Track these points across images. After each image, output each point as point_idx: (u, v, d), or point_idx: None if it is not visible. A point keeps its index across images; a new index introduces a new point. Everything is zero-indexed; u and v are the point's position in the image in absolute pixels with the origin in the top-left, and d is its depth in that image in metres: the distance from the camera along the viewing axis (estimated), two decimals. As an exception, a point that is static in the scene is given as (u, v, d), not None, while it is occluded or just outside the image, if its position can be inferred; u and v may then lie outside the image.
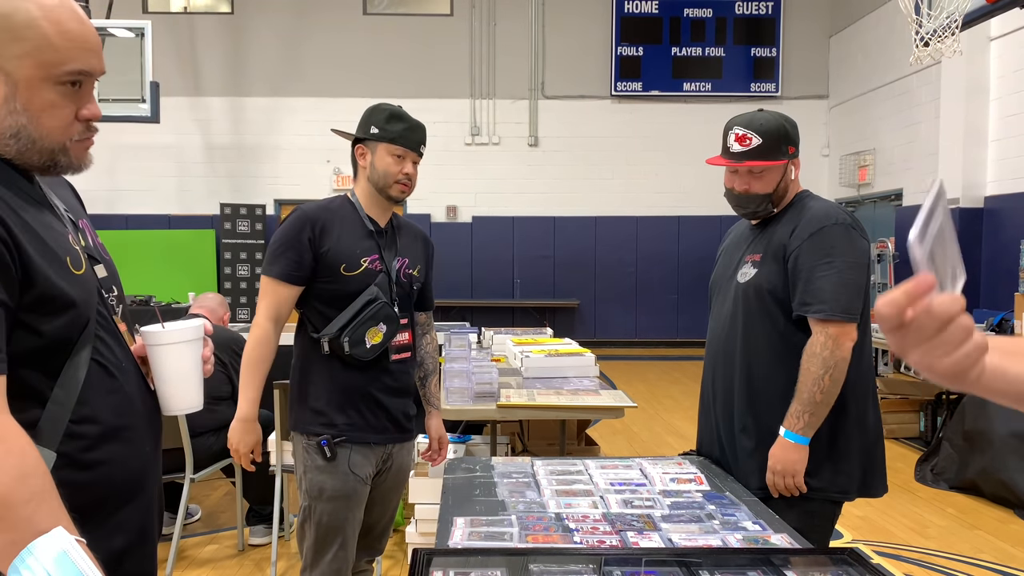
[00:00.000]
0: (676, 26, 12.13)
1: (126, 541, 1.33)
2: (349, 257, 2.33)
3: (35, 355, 1.20)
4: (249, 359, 2.33)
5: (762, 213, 2.26)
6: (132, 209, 11.79)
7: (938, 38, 4.73)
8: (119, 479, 1.31)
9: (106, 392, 1.29)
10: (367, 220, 2.40)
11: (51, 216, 1.29)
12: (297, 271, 2.31)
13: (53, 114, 1.24)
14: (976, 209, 8.46)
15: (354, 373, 2.33)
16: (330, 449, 2.31)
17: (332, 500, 2.32)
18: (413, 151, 2.37)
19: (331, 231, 2.33)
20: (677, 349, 11.75)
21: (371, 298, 2.31)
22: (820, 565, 1.48)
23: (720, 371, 2.31)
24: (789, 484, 2.11)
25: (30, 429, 1.16)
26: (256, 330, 2.32)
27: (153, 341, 1.39)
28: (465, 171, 12.08)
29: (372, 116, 2.39)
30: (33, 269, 1.18)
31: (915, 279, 0.73)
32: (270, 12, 11.87)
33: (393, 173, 2.36)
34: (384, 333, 2.33)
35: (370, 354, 2.31)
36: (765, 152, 2.18)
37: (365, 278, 2.34)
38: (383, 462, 2.43)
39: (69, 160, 1.29)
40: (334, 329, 2.30)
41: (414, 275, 2.48)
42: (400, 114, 2.40)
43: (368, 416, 2.36)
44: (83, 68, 1.25)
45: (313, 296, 2.35)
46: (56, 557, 0.94)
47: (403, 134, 2.35)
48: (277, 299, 2.33)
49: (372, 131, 2.37)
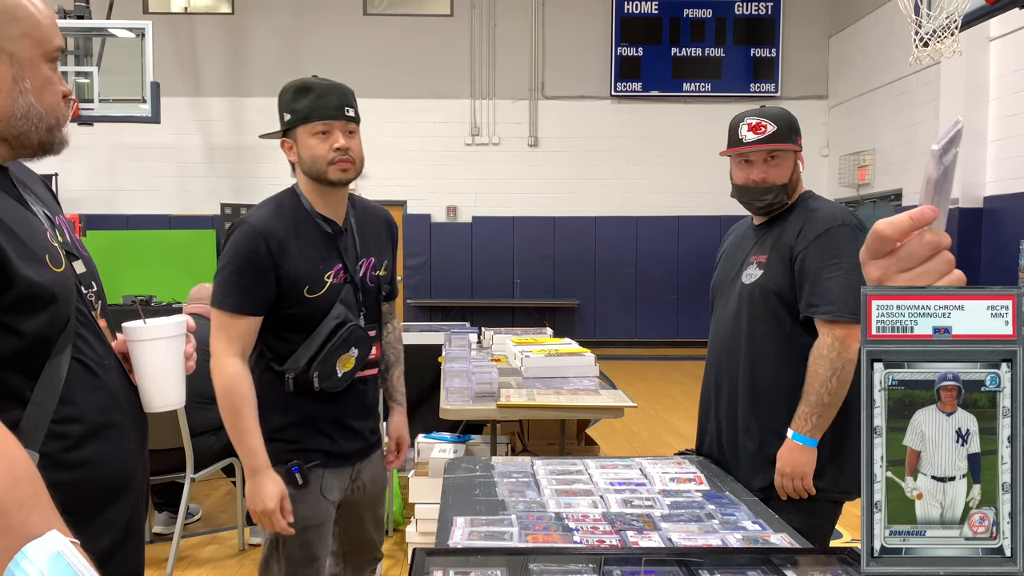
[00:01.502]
0: (676, 26, 12.13)
1: (113, 539, 1.32)
2: (311, 276, 2.02)
3: (15, 355, 1.20)
4: (231, 402, 1.96)
5: (777, 206, 2.24)
6: (132, 209, 11.79)
7: (937, 38, 4.73)
8: (104, 477, 1.31)
9: (89, 390, 1.29)
10: (322, 222, 2.08)
11: (28, 213, 1.29)
12: (256, 300, 1.98)
13: (51, 90, 1.29)
14: (976, 209, 8.46)
15: (325, 404, 2.07)
16: (302, 476, 2.04)
17: (305, 530, 2.05)
18: (337, 119, 2.01)
19: (288, 247, 2.00)
20: (677, 349, 11.75)
21: (339, 322, 2.02)
22: (820, 565, 1.48)
23: (724, 372, 2.30)
24: (798, 486, 2.11)
25: (11, 430, 1.16)
26: (224, 369, 1.95)
27: (134, 337, 1.38)
28: (465, 171, 12.08)
29: (280, 102, 2.07)
30: (11, 268, 1.17)
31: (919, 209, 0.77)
32: (270, 12, 11.87)
33: (321, 155, 2.00)
34: (356, 358, 2.06)
35: (342, 383, 2.05)
36: (782, 136, 2.19)
37: (331, 296, 2.04)
38: (351, 480, 2.19)
39: (62, 137, 1.33)
40: (300, 364, 1.99)
41: (382, 275, 2.20)
42: (307, 84, 2.04)
43: (340, 440, 2.12)
44: (61, 44, 1.31)
45: (271, 322, 2.02)
46: (50, 559, 0.94)
47: (314, 105, 2.00)
48: (238, 333, 1.97)
49: (285, 118, 2.05)
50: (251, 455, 1.97)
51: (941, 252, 0.78)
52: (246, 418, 1.95)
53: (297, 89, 2.04)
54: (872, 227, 0.79)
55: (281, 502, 1.97)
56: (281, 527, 1.98)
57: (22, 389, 1.21)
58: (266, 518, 1.97)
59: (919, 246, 0.77)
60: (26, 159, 1.33)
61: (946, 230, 0.81)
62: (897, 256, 0.78)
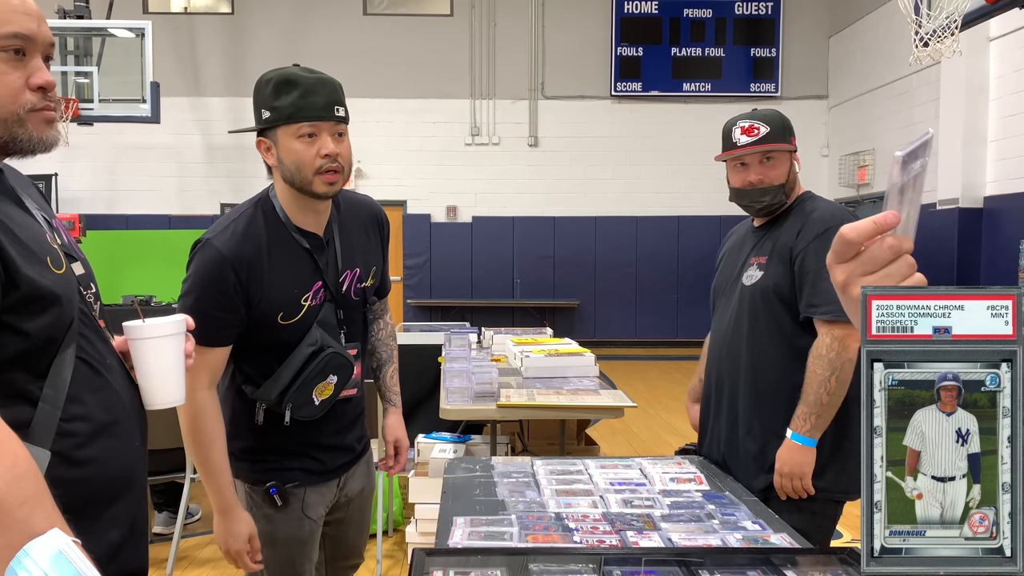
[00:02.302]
0: (676, 26, 12.13)
1: (121, 535, 1.34)
2: (286, 302, 1.84)
3: (22, 356, 1.21)
4: (196, 442, 1.82)
5: (776, 207, 2.24)
6: (132, 209, 11.79)
7: (938, 38, 4.73)
8: (112, 474, 1.32)
9: (94, 389, 1.30)
10: (301, 236, 1.88)
11: (26, 215, 1.29)
12: (225, 331, 1.82)
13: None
14: (975, 209, 8.46)
15: (302, 429, 1.92)
16: (281, 497, 1.92)
17: (287, 548, 1.96)
18: (326, 120, 1.78)
19: (259, 273, 1.81)
20: (677, 349, 11.75)
21: (315, 349, 1.85)
22: (820, 565, 1.48)
23: (725, 374, 2.30)
24: (797, 487, 2.11)
25: (23, 429, 1.17)
26: (188, 407, 1.72)
27: (135, 335, 1.39)
28: (465, 171, 12.08)
29: (258, 96, 1.82)
30: (15, 270, 1.18)
31: (883, 214, 0.80)
32: (270, 12, 11.87)
33: (307, 161, 1.77)
34: (335, 384, 1.89)
35: (319, 411, 1.90)
36: (776, 137, 2.19)
37: (307, 320, 1.87)
38: (339, 490, 2.08)
39: (29, 134, 1.24)
40: (272, 395, 1.84)
41: (368, 285, 2.02)
42: (291, 77, 1.78)
43: (322, 459, 1.99)
44: (19, 31, 1.22)
45: (243, 346, 1.87)
46: (53, 557, 0.94)
47: (300, 104, 1.76)
48: (205, 364, 1.77)
49: (264, 115, 1.81)
50: (217, 494, 1.85)
51: (903, 256, 0.81)
52: (212, 457, 1.83)
53: (279, 82, 1.78)
54: (837, 232, 0.81)
55: (250, 542, 1.88)
56: (249, 568, 1.90)
57: (31, 389, 1.22)
58: (233, 557, 1.90)
59: (881, 250, 0.81)
60: (8, 158, 1.31)
61: (946, 230, 0.82)
62: (860, 260, 0.81)
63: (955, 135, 8.61)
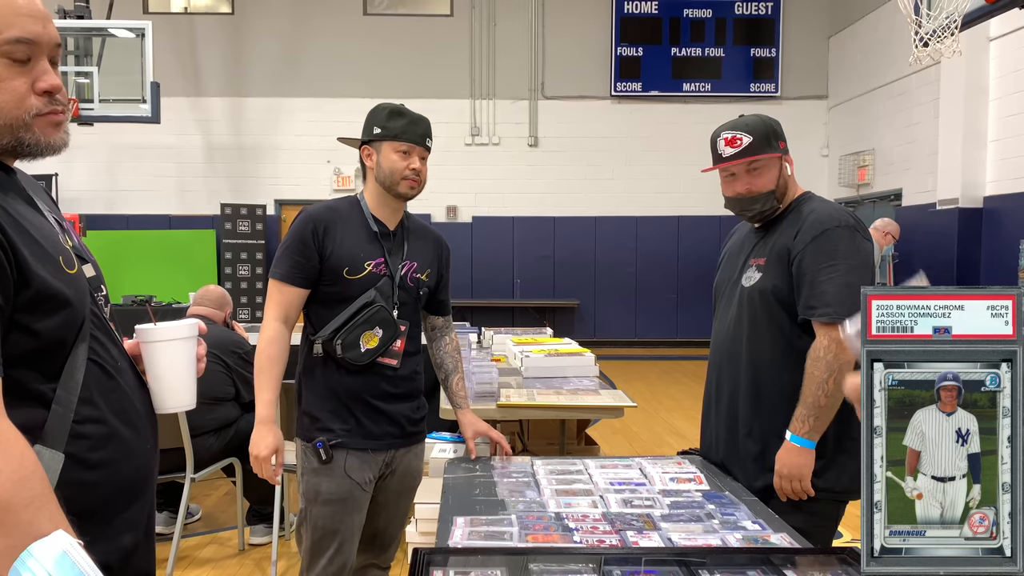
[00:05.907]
0: (676, 26, 12.14)
1: (135, 538, 1.33)
2: (352, 260, 2.30)
3: (33, 356, 1.20)
4: (260, 360, 2.28)
5: (768, 212, 2.24)
6: (132, 209, 11.79)
7: (937, 38, 4.73)
8: (125, 477, 1.31)
9: (106, 391, 1.29)
10: (373, 222, 2.37)
11: (39, 216, 1.28)
12: (301, 273, 2.29)
13: (1, 88, 1.19)
14: (975, 209, 8.47)
15: (350, 378, 2.30)
16: (325, 452, 2.28)
17: (328, 503, 2.30)
18: (419, 145, 2.35)
19: (334, 233, 2.31)
20: (677, 349, 11.75)
21: (367, 301, 2.28)
22: (820, 565, 1.48)
23: (725, 375, 2.30)
24: (796, 488, 2.11)
25: (36, 431, 1.16)
26: (265, 331, 2.28)
27: (147, 338, 1.39)
28: (465, 171, 12.08)
29: (374, 116, 2.39)
30: (28, 269, 1.17)
31: None
32: (270, 12, 11.87)
33: (399, 169, 2.33)
34: (380, 338, 2.29)
35: (364, 358, 2.28)
36: (758, 147, 2.19)
37: (369, 282, 2.31)
38: (385, 466, 2.40)
39: (36, 138, 1.23)
40: (328, 332, 2.26)
41: (422, 279, 2.44)
42: (401, 110, 2.39)
43: (365, 422, 2.33)
44: (23, 36, 1.19)
45: (316, 299, 2.32)
46: (56, 558, 0.94)
47: (405, 129, 2.34)
48: (283, 300, 2.29)
49: (375, 131, 2.36)
50: (263, 405, 2.24)
51: None
52: (269, 375, 2.26)
53: (393, 111, 2.37)
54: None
55: (275, 454, 2.22)
56: (268, 475, 2.23)
57: (43, 390, 1.21)
58: (258, 464, 2.22)
59: None
60: (12, 161, 1.30)
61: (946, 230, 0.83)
62: None
63: (955, 135, 8.61)
